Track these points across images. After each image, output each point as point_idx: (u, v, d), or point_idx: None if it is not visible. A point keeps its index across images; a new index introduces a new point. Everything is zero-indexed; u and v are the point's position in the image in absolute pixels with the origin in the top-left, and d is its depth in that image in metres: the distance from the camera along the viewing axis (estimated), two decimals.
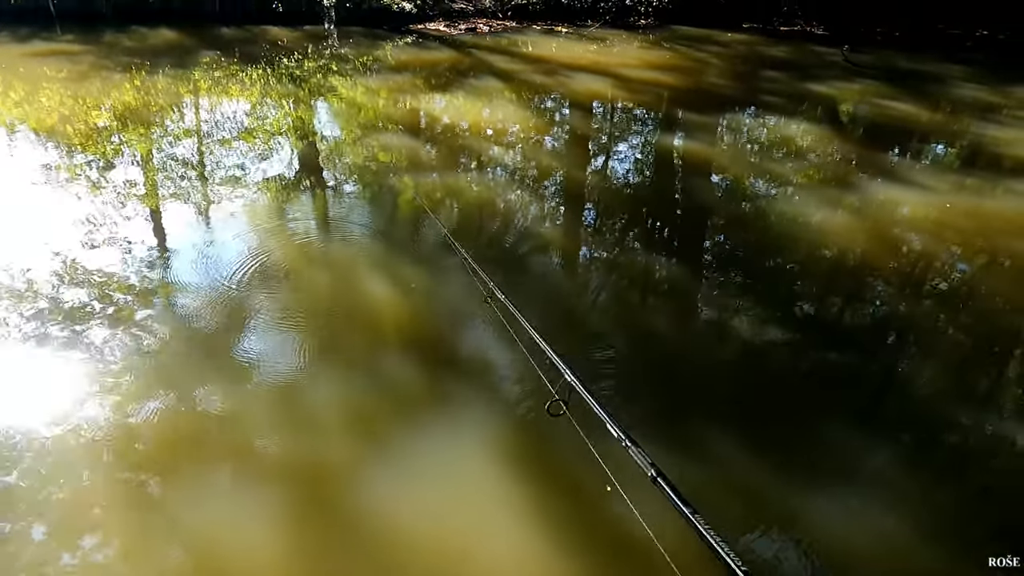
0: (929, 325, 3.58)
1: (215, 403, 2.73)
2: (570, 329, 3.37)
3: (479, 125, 6.38)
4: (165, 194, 4.73)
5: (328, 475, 2.46)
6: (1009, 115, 7.11)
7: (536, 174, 5.43)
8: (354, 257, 3.95)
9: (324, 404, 2.76)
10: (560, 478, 2.48)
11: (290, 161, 5.46)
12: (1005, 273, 4.08)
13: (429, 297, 3.54)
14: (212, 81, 7.50)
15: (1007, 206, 4.90)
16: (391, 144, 5.81)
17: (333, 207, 4.73)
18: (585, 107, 7.34)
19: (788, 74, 8.73)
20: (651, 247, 4.35)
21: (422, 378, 2.95)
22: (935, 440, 2.77)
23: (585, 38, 10.30)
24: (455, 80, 7.80)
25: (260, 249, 3.97)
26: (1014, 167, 5.69)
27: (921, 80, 8.45)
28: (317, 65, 8.33)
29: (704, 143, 6.32)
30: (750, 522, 2.33)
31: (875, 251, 4.24)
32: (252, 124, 6.31)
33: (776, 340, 3.29)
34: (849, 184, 5.26)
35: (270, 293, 3.50)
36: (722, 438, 2.64)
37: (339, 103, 7.06)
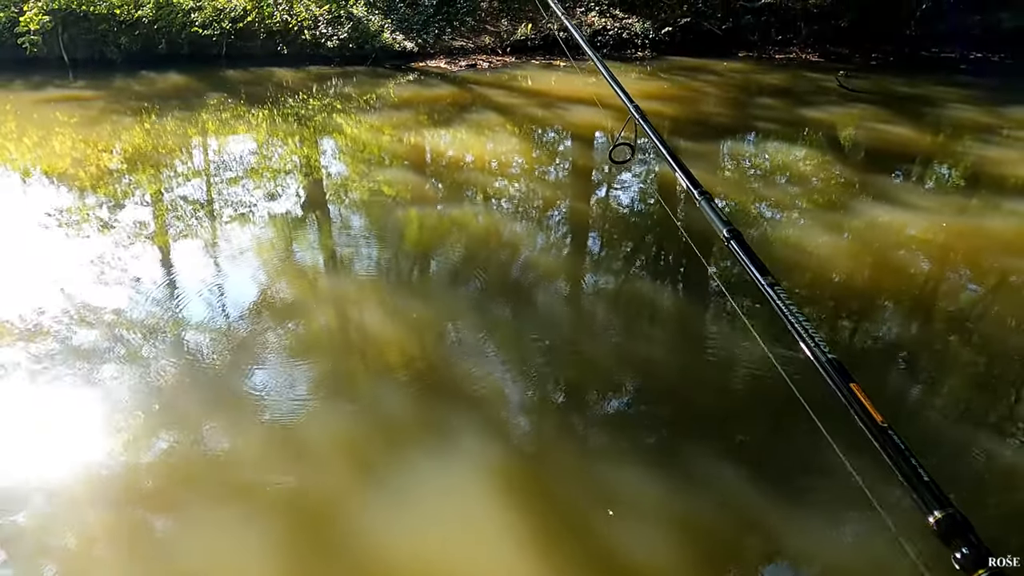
0: (938, 348, 3.58)
1: (221, 439, 2.75)
2: (575, 362, 3.38)
3: (482, 158, 6.48)
4: (174, 233, 4.80)
5: (335, 509, 2.46)
6: (1007, 136, 7.18)
7: (540, 204, 5.49)
8: (361, 291, 3.99)
9: (330, 438, 2.77)
10: (560, 505, 2.48)
11: (296, 198, 5.55)
12: (1012, 293, 4.09)
13: (434, 329, 3.56)
14: (219, 122, 7.65)
15: (1009, 226, 4.93)
16: (396, 179, 5.90)
17: (339, 242, 4.79)
18: (586, 139, 7.45)
19: (785, 101, 8.85)
20: (656, 275, 4.37)
21: (426, 410, 2.96)
22: (946, 469, 2.75)
23: (583, 71, 10.49)
24: (457, 115, 7.94)
25: (267, 285, 4.02)
26: (1014, 187, 5.73)
27: (917, 103, 8.55)
28: (321, 104, 8.50)
29: (705, 171, 6.39)
30: (759, 558, 2.31)
31: (880, 274, 4.26)
32: (259, 163, 6.42)
33: (784, 367, 3.30)
34: (851, 208, 5.30)
35: (277, 329, 3.53)
36: (725, 469, 2.63)
37: (344, 140, 7.19)
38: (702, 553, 2.31)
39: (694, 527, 2.39)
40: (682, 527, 2.39)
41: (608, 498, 2.49)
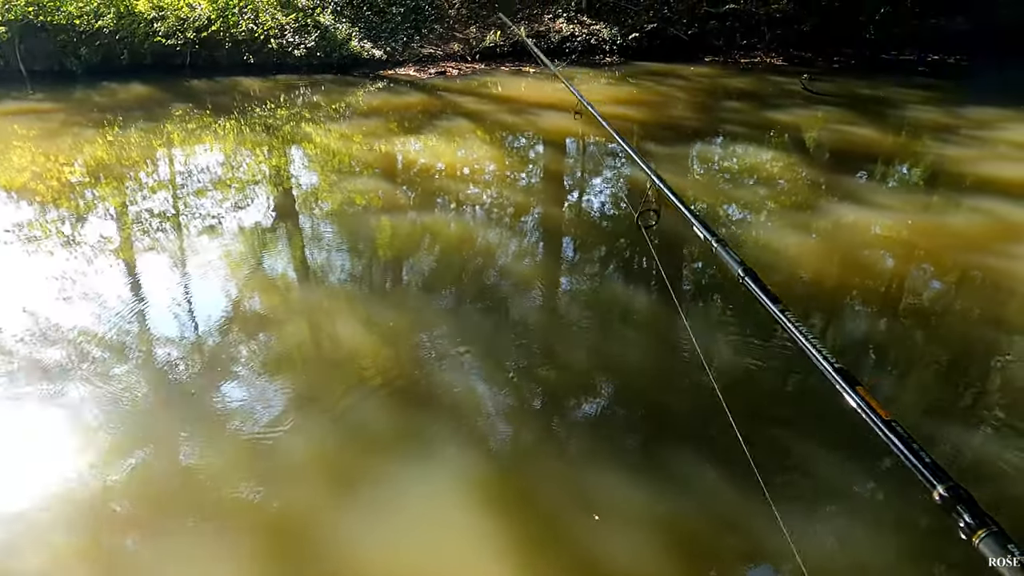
0: (906, 343, 3.65)
1: (193, 457, 2.68)
2: (550, 367, 3.38)
3: (453, 165, 6.46)
4: (140, 247, 4.69)
5: (312, 523, 2.41)
6: (965, 135, 7.38)
7: (513, 211, 5.49)
8: (334, 301, 3.94)
9: (306, 451, 2.73)
10: (540, 511, 2.46)
11: (266, 209, 5.47)
12: (974, 288, 4.20)
13: (408, 339, 3.53)
14: (185, 133, 7.52)
15: (970, 222, 5.06)
16: (367, 188, 5.85)
17: (311, 253, 4.73)
18: (556, 143, 7.48)
19: (751, 104, 9.00)
20: (629, 279, 4.39)
21: (402, 420, 2.93)
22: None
23: (552, 77, 10.54)
24: (427, 122, 7.92)
25: (238, 298, 3.95)
26: (973, 185, 5.89)
27: (879, 105, 8.75)
28: (290, 113, 8.41)
29: (675, 174, 6.46)
30: (739, 555, 2.33)
31: (848, 273, 4.33)
32: (227, 174, 6.32)
33: (757, 366, 3.33)
34: (818, 208, 5.40)
35: (249, 342, 3.47)
36: (701, 469, 2.64)
37: (313, 149, 7.12)
38: (684, 554, 2.31)
39: (675, 528, 2.40)
40: (663, 529, 2.40)
41: (588, 503, 2.49)
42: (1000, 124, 7.63)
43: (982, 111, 8.25)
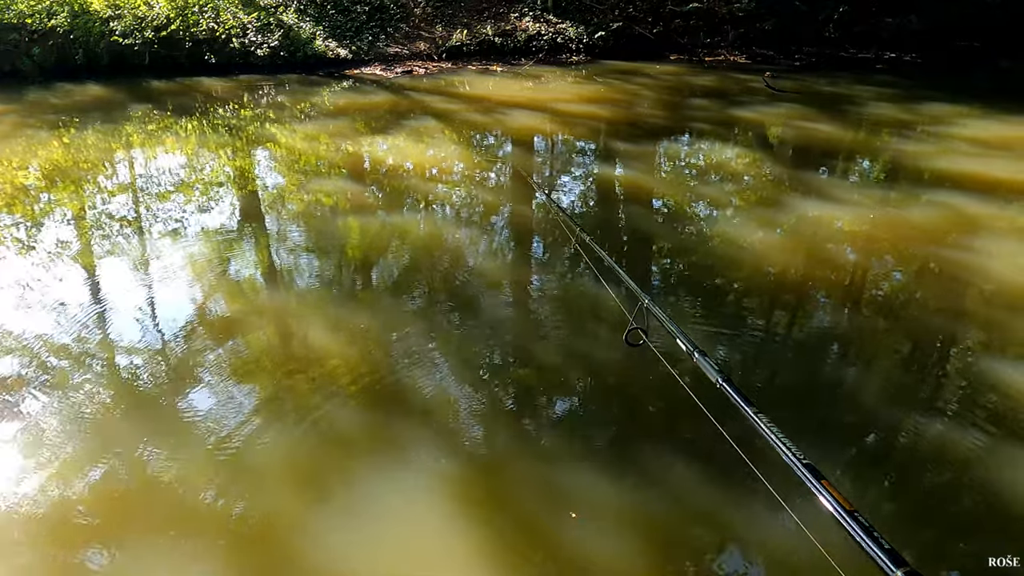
0: (868, 334, 3.74)
1: (159, 467, 2.62)
2: (521, 365, 3.38)
3: (422, 165, 6.42)
4: (100, 252, 4.57)
5: (285, 531, 2.37)
6: (921, 131, 7.60)
7: (482, 210, 5.48)
8: (302, 304, 3.88)
9: (276, 457, 2.68)
10: (516, 510, 2.46)
11: (231, 211, 5.37)
12: (932, 279, 4.31)
13: (378, 340, 3.50)
14: (145, 135, 7.34)
15: (926, 216, 5.20)
16: (334, 188, 5.79)
17: (277, 255, 4.66)
18: (525, 143, 7.49)
19: (716, 101, 9.12)
20: (599, 275, 4.41)
21: (375, 423, 2.90)
22: (884, 448, 2.87)
23: (520, 76, 10.56)
24: (395, 122, 7.86)
25: (203, 303, 3.87)
26: (930, 180, 6.06)
27: (839, 102, 8.95)
28: (254, 114, 8.27)
29: (642, 171, 6.52)
30: (708, 542, 2.36)
31: (813, 266, 4.42)
32: (189, 176, 6.19)
33: (723, 358, 3.38)
34: (782, 204, 5.50)
35: (215, 348, 3.40)
36: (671, 464, 2.67)
37: (279, 150, 7.01)
38: (658, 547, 2.33)
39: (650, 523, 2.42)
40: (637, 524, 2.41)
41: (564, 501, 2.49)
42: (954, 120, 7.86)
43: (937, 107, 8.50)
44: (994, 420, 2.95)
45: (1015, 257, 4.46)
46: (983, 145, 6.93)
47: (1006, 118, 7.90)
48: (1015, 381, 3.20)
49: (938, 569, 2.30)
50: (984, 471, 2.68)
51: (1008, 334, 3.64)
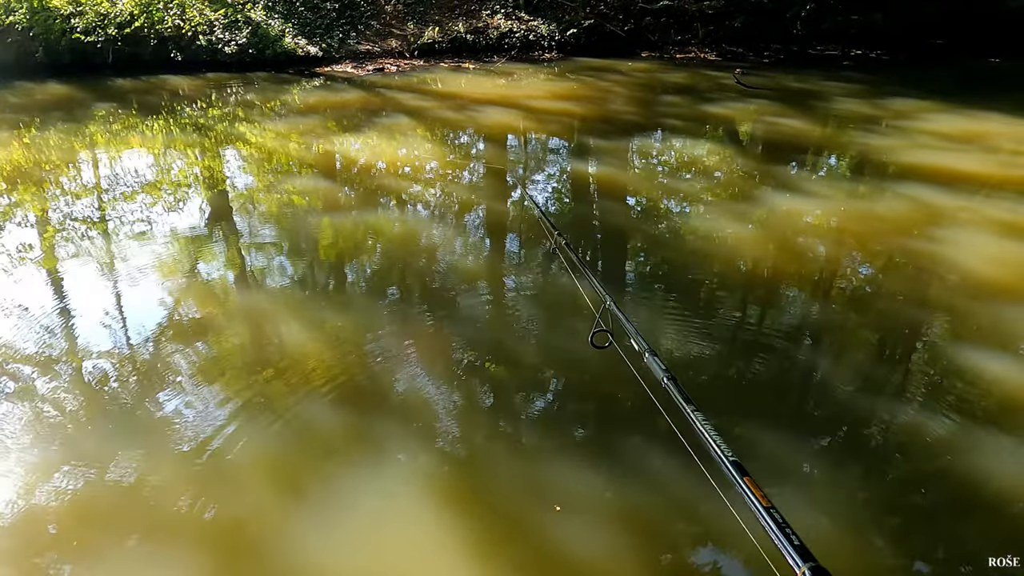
0: (838, 325, 3.79)
1: (132, 473, 2.56)
2: (500, 360, 3.37)
3: (395, 163, 6.37)
4: (64, 255, 4.45)
5: (264, 535, 2.33)
6: (887, 126, 7.74)
7: (457, 208, 5.45)
8: (275, 305, 3.82)
9: (253, 460, 2.63)
10: (498, 505, 2.45)
11: (200, 212, 5.27)
12: (899, 270, 4.40)
13: (353, 340, 3.46)
14: (110, 134, 7.17)
15: (893, 208, 5.30)
16: (306, 188, 5.71)
17: (249, 255, 4.58)
18: (499, 140, 7.47)
19: (687, 98, 9.20)
20: (574, 271, 4.42)
21: (352, 423, 2.87)
22: (856, 437, 2.91)
23: (493, 73, 10.53)
24: (367, 120, 7.78)
25: (173, 306, 3.79)
26: (895, 172, 6.18)
27: (808, 98, 9.08)
28: (222, 112, 8.13)
29: (616, 167, 6.55)
30: (688, 535, 2.37)
31: (784, 259, 4.47)
32: (157, 177, 6.06)
33: (698, 352, 3.40)
34: (754, 198, 5.56)
35: (187, 351, 3.33)
36: (648, 452, 2.68)
37: (248, 149, 6.90)
38: (640, 538, 2.34)
39: (631, 515, 2.42)
40: (619, 516, 2.42)
41: (545, 494, 2.49)
42: (918, 115, 8.02)
43: (902, 103, 8.66)
44: (960, 407, 3.01)
45: (978, 247, 4.56)
46: (947, 139, 7.08)
47: (969, 112, 8.09)
48: (979, 368, 3.27)
49: (905, 554, 2.33)
50: (952, 457, 2.74)
51: (972, 322, 3.72)
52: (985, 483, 2.59)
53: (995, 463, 2.70)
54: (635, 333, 1.80)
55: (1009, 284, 4.08)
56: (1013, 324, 3.64)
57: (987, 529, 2.42)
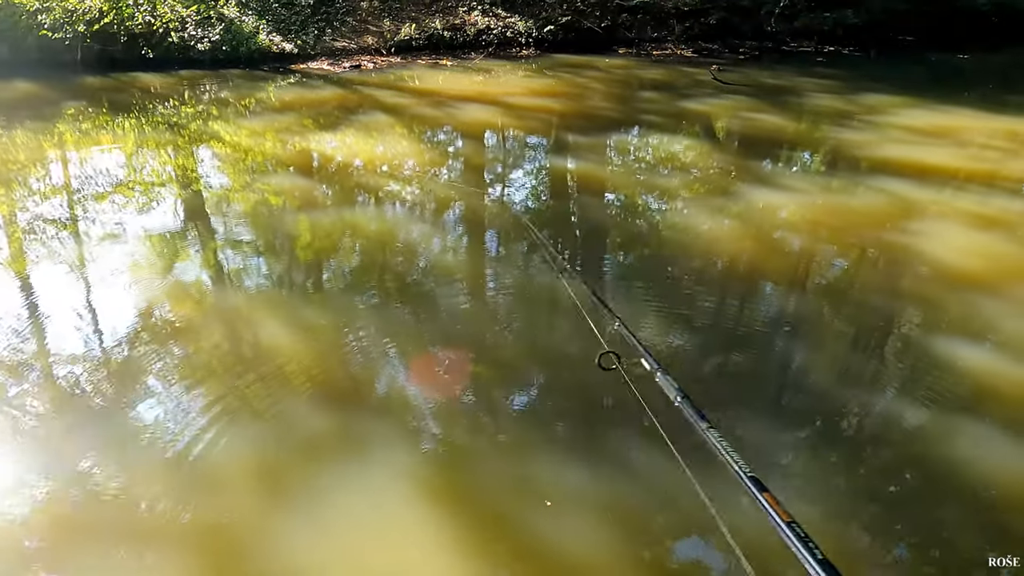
0: (815, 317, 3.84)
1: (110, 481, 2.51)
2: (482, 361, 3.36)
3: (373, 161, 6.32)
4: (34, 257, 4.34)
5: (249, 539, 2.30)
6: (860, 121, 7.85)
7: (435, 206, 5.43)
8: (252, 305, 3.77)
9: (236, 463, 2.60)
10: (485, 501, 2.45)
11: (174, 212, 5.18)
12: (874, 262, 4.46)
13: (333, 339, 3.43)
14: (79, 133, 7.03)
15: (867, 201, 5.38)
16: (283, 186, 5.64)
17: (225, 255, 4.52)
18: (477, 136, 7.45)
19: (665, 94, 9.25)
20: (553, 268, 4.42)
21: (335, 423, 2.84)
22: (834, 426, 2.95)
23: (470, 70, 10.50)
24: (344, 118, 7.71)
25: (148, 308, 3.72)
26: (869, 166, 6.27)
27: (783, 94, 9.18)
28: (196, 110, 8.00)
29: (594, 163, 6.56)
30: (671, 528, 2.38)
31: (761, 253, 4.52)
32: (129, 177, 5.95)
33: (678, 345, 3.43)
34: (731, 193, 5.61)
35: (163, 354, 3.27)
36: (638, 451, 2.70)
37: (223, 148, 6.80)
38: (627, 531, 2.34)
39: (617, 507, 2.43)
40: (605, 509, 2.42)
41: (532, 490, 2.49)
42: (890, 110, 8.15)
43: (874, 98, 8.79)
44: (935, 396, 3.07)
45: (949, 239, 4.65)
46: (918, 133, 7.21)
47: (939, 107, 8.24)
48: (953, 357, 3.33)
49: (883, 541, 2.37)
50: (928, 445, 2.79)
51: (945, 312, 3.79)
52: (960, 470, 2.64)
53: (969, 450, 2.75)
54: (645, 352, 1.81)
55: (979, 274, 4.16)
56: (984, 313, 3.71)
57: (963, 515, 2.47)
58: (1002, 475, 2.63)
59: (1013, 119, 7.88)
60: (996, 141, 7.00)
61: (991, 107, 8.51)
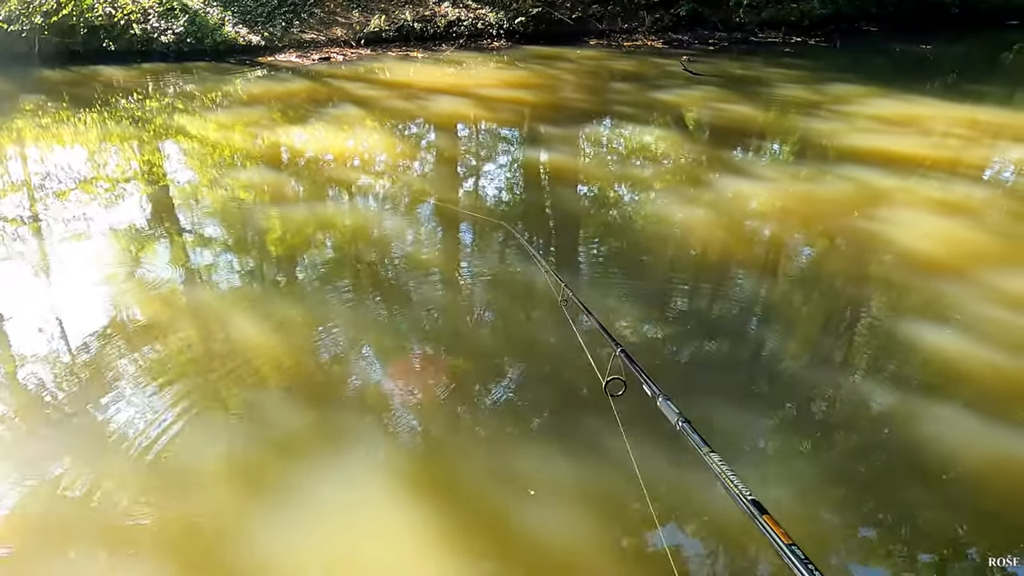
0: (786, 303, 3.90)
1: (83, 483, 2.45)
2: (458, 351, 3.35)
3: (344, 154, 6.25)
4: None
5: (230, 537, 2.27)
6: (827, 110, 7.96)
7: (408, 199, 5.39)
8: (224, 302, 3.71)
9: (213, 462, 2.56)
10: (466, 492, 2.45)
11: (141, 209, 5.07)
12: (842, 248, 4.54)
13: (305, 334, 3.39)
14: (39, 128, 6.83)
15: (835, 189, 5.47)
16: (253, 181, 5.55)
17: (194, 252, 4.43)
18: (449, 129, 7.41)
19: (636, 85, 9.28)
20: (529, 259, 4.43)
21: (312, 419, 2.81)
22: (804, 411, 3.01)
23: (441, 62, 10.42)
24: (314, 111, 7.61)
25: (115, 305, 3.64)
26: (836, 155, 6.37)
27: (752, 84, 9.27)
28: (161, 104, 7.82)
29: (568, 155, 6.57)
30: (651, 511, 2.41)
31: (733, 241, 4.57)
32: (92, 172, 5.80)
33: (653, 335, 3.46)
34: (702, 183, 5.66)
35: (134, 353, 3.20)
36: (603, 434, 2.71)
37: (190, 143, 6.66)
38: (606, 518, 2.36)
39: (597, 495, 2.45)
40: (585, 497, 2.44)
41: (512, 479, 2.49)
42: (856, 99, 8.29)
43: (841, 88, 8.93)
44: (902, 378, 3.15)
45: (914, 225, 4.75)
46: (884, 122, 7.34)
47: (903, 97, 8.40)
48: (919, 340, 3.41)
49: (852, 521, 2.42)
50: (895, 426, 2.85)
51: (911, 296, 3.87)
52: (926, 450, 2.71)
53: (935, 430, 2.83)
54: (646, 379, 1.81)
55: (943, 259, 4.26)
56: (947, 297, 3.80)
57: (928, 494, 2.53)
58: (966, 453, 2.71)
59: (973, 107, 8.08)
60: (957, 129, 7.16)
61: (952, 96, 8.70)
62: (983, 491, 2.55)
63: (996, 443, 2.78)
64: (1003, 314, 3.63)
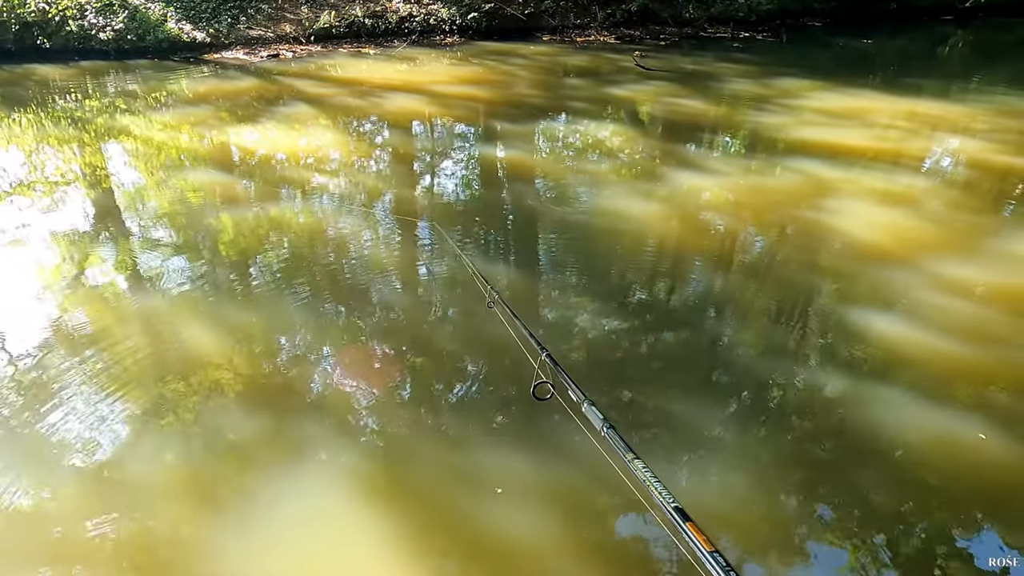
0: (738, 293, 3.99)
1: (28, 497, 2.35)
2: (420, 344, 3.33)
3: (296, 153, 6.13)
4: None
5: (185, 551, 2.20)
6: (775, 104, 8.16)
7: (364, 197, 5.31)
8: (174, 308, 3.60)
9: (166, 474, 2.48)
10: (426, 495, 2.44)
11: (83, 213, 4.88)
12: (792, 239, 4.66)
13: (261, 340, 3.32)
14: None
15: (785, 181, 5.61)
16: (201, 182, 5.40)
17: (141, 256, 4.29)
18: (404, 126, 7.33)
19: (590, 81, 9.34)
20: (487, 256, 4.42)
21: (267, 426, 2.76)
22: (757, 399, 3.08)
23: (394, 58, 10.31)
24: (264, 109, 7.43)
25: (59, 314, 3.50)
26: (785, 148, 6.54)
27: (703, 79, 9.43)
28: (101, 104, 7.54)
29: (523, 151, 6.57)
30: (616, 501, 2.44)
31: (688, 234, 4.65)
32: (29, 176, 5.55)
33: (612, 328, 3.49)
34: (657, 177, 5.73)
35: (79, 363, 3.08)
36: (574, 433, 2.73)
37: (134, 143, 6.43)
38: (569, 514, 2.38)
39: (558, 491, 2.46)
40: (545, 494, 2.45)
41: (474, 480, 2.49)
42: (803, 93, 8.51)
43: (788, 82, 9.16)
44: (851, 364, 3.25)
45: (859, 215, 4.91)
46: (829, 115, 7.55)
47: (848, 90, 8.66)
48: (866, 326, 3.53)
49: (808, 503, 2.50)
50: (846, 410, 2.95)
51: (858, 284, 4.00)
52: (876, 432, 2.81)
53: (883, 413, 2.93)
54: (571, 383, 1.84)
55: (887, 247, 4.41)
56: (893, 284, 3.94)
57: (880, 475, 2.62)
58: (914, 435, 2.82)
59: (912, 100, 8.38)
60: (898, 121, 7.42)
61: (893, 89, 9.01)
62: (928, 468, 2.66)
63: (939, 423, 2.89)
64: (944, 300, 3.78)
